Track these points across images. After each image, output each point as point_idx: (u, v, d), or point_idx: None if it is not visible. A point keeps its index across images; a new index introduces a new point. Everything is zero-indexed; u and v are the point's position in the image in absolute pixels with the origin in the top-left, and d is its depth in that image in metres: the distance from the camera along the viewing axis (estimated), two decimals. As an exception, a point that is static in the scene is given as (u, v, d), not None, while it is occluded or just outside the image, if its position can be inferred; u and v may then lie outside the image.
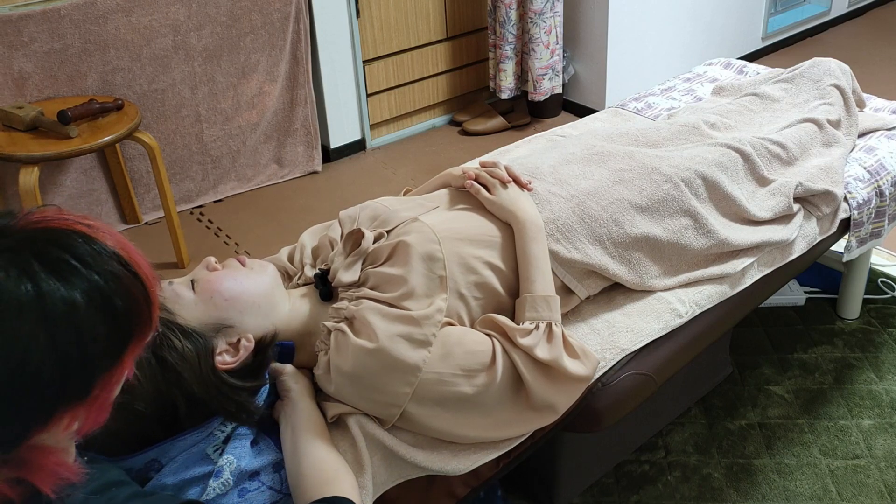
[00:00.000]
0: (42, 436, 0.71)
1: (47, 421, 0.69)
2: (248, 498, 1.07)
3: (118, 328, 0.72)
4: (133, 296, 0.73)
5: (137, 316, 0.74)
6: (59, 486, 0.72)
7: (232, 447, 1.09)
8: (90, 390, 0.71)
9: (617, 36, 3.41)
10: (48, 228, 0.72)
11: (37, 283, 0.67)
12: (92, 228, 0.74)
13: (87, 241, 0.72)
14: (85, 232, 0.73)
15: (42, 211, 0.74)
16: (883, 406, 1.94)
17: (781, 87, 1.96)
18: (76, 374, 0.69)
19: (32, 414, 0.69)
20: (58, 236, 0.71)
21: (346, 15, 3.12)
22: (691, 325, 1.46)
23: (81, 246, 0.71)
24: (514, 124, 3.55)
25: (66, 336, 0.68)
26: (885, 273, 2.38)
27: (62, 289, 0.68)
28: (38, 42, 2.49)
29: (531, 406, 1.18)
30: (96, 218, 0.76)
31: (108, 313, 0.71)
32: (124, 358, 0.74)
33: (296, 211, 2.98)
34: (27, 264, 0.67)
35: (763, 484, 1.76)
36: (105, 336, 0.71)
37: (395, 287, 1.20)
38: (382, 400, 1.15)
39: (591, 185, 1.45)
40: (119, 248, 0.74)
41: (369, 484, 1.13)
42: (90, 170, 2.78)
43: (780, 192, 1.63)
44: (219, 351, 1.13)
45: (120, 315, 0.72)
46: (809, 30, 4.42)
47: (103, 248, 0.73)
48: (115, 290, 0.71)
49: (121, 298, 0.72)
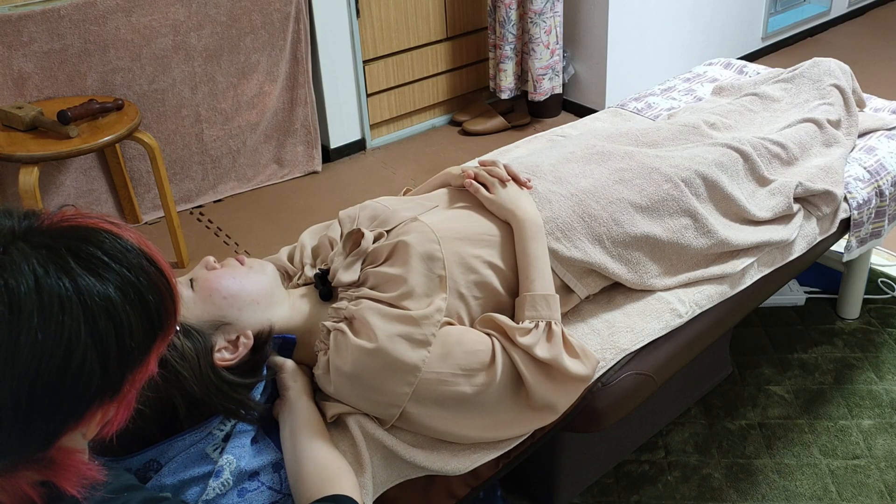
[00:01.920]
0: (73, 433, 0.72)
1: (81, 416, 0.70)
2: (247, 498, 1.07)
3: (150, 322, 0.73)
4: (160, 290, 0.75)
5: (165, 310, 0.75)
6: (84, 485, 0.73)
7: (232, 446, 1.09)
8: (122, 386, 0.73)
9: (617, 36, 3.41)
10: (77, 226, 0.73)
11: (74, 279, 0.68)
12: (116, 226, 0.75)
13: (115, 238, 0.73)
14: (111, 230, 0.74)
15: (62, 211, 0.74)
16: (883, 406, 1.94)
17: (781, 87, 1.96)
18: (113, 368, 0.70)
19: (71, 408, 0.69)
20: (87, 234, 0.72)
21: (346, 15, 3.12)
22: (691, 325, 1.46)
23: (110, 242, 0.72)
24: (514, 124, 3.55)
25: (105, 331, 0.69)
26: (885, 273, 2.38)
27: (98, 284, 0.69)
28: (37, 42, 2.49)
29: (531, 406, 1.18)
30: (115, 216, 0.78)
31: (141, 307, 0.72)
32: (152, 353, 0.75)
33: (296, 211, 2.98)
34: (63, 261, 0.68)
35: (763, 484, 1.76)
36: (139, 330, 0.72)
37: (394, 287, 1.20)
38: (382, 400, 1.15)
39: (590, 184, 1.45)
40: (143, 246, 0.76)
41: (369, 484, 1.13)
42: (90, 170, 2.78)
43: (780, 192, 1.63)
44: (218, 348, 1.13)
45: (151, 309, 0.73)
46: (809, 30, 4.42)
47: (130, 244, 0.74)
48: (146, 284, 0.73)
49: (151, 293, 0.73)
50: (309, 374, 1.24)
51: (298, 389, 1.18)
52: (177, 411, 1.09)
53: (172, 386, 1.07)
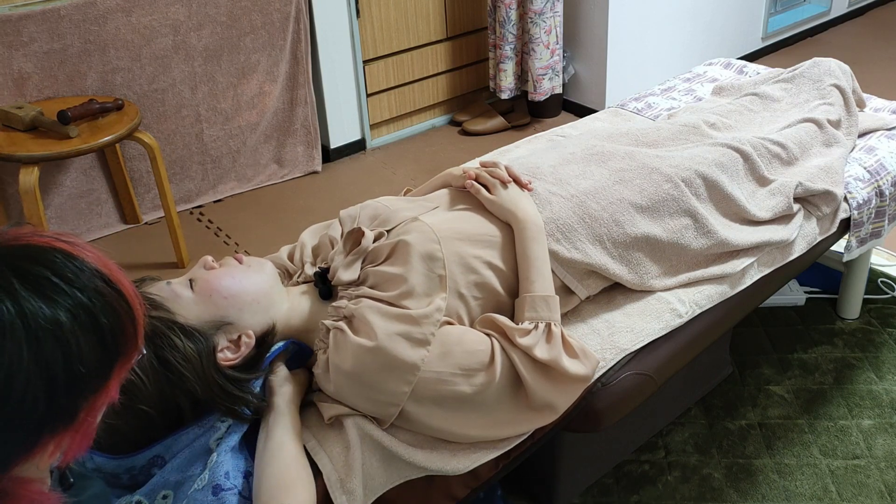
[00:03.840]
0: (25, 465, 0.68)
1: (32, 448, 0.67)
2: (220, 497, 1.06)
3: (104, 347, 0.69)
4: (118, 314, 0.71)
5: (123, 334, 0.71)
6: None
7: (222, 447, 1.09)
8: (77, 414, 0.68)
9: (617, 36, 3.41)
10: (27, 245, 0.69)
11: (18, 301, 0.64)
12: (72, 245, 0.71)
13: (67, 258, 0.69)
14: (65, 249, 0.70)
15: (17, 229, 0.71)
16: (883, 406, 1.94)
17: (781, 87, 1.96)
18: (63, 396, 0.66)
19: (18, 441, 0.66)
20: (37, 253, 0.68)
21: (346, 15, 3.12)
22: (691, 325, 1.46)
23: (62, 263, 0.68)
24: (514, 124, 3.55)
25: (51, 356, 0.65)
26: (885, 273, 2.38)
27: (45, 307, 0.65)
28: (37, 42, 2.49)
29: (530, 406, 1.18)
30: (75, 235, 0.74)
31: (93, 332, 0.68)
32: (111, 379, 0.71)
33: (296, 211, 2.98)
34: (7, 283, 0.65)
35: (763, 484, 1.76)
36: (91, 356, 0.68)
37: (394, 286, 1.20)
38: (381, 399, 1.15)
39: (591, 184, 1.45)
40: (101, 266, 0.72)
41: (359, 489, 1.12)
42: (90, 170, 2.78)
43: (780, 192, 1.63)
44: (220, 348, 1.14)
45: (106, 333, 0.69)
46: (809, 30, 4.42)
47: (85, 265, 0.70)
48: (99, 307, 0.69)
49: (106, 316, 0.69)
50: (302, 381, 1.24)
51: (284, 395, 1.18)
52: (182, 411, 1.10)
53: (175, 387, 1.07)
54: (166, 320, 1.10)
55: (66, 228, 2.78)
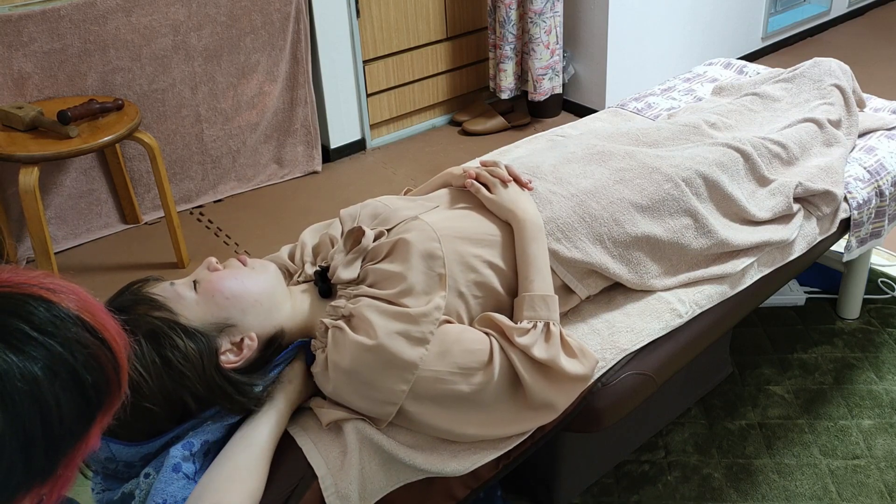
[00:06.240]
0: None
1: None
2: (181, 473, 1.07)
3: (85, 401, 0.65)
4: (100, 364, 0.67)
5: (106, 385, 0.68)
6: None
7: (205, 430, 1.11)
8: (54, 470, 0.65)
9: (617, 36, 3.41)
10: (5, 296, 0.65)
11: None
12: (52, 291, 0.67)
13: (47, 307, 0.65)
14: (44, 296, 0.66)
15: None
16: (883, 406, 1.94)
17: (782, 87, 1.96)
18: (40, 455, 0.62)
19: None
20: (16, 305, 0.64)
21: (346, 15, 3.12)
22: (691, 325, 1.46)
23: (41, 313, 0.64)
24: (514, 124, 3.55)
25: (28, 418, 0.61)
26: (885, 273, 2.38)
27: (21, 364, 0.61)
28: (37, 42, 2.49)
29: (529, 405, 1.18)
30: (55, 276, 0.70)
31: (73, 387, 0.64)
32: (91, 430, 0.67)
33: (296, 211, 2.98)
34: None
35: (763, 484, 1.76)
36: (72, 412, 0.64)
37: (394, 284, 1.20)
38: (378, 397, 1.15)
39: (591, 184, 1.45)
40: (82, 311, 0.68)
41: (354, 494, 1.12)
42: (90, 170, 2.78)
43: (780, 192, 1.63)
44: (222, 350, 1.14)
45: (87, 388, 0.65)
46: (809, 30, 4.42)
47: (65, 312, 0.66)
48: (81, 361, 0.65)
49: (88, 371, 0.65)
50: (310, 385, 1.24)
51: (288, 392, 1.18)
52: (188, 406, 1.10)
53: (178, 385, 1.08)
54: (168, 321, 1.10)
55: (66, 228, 2.78)
